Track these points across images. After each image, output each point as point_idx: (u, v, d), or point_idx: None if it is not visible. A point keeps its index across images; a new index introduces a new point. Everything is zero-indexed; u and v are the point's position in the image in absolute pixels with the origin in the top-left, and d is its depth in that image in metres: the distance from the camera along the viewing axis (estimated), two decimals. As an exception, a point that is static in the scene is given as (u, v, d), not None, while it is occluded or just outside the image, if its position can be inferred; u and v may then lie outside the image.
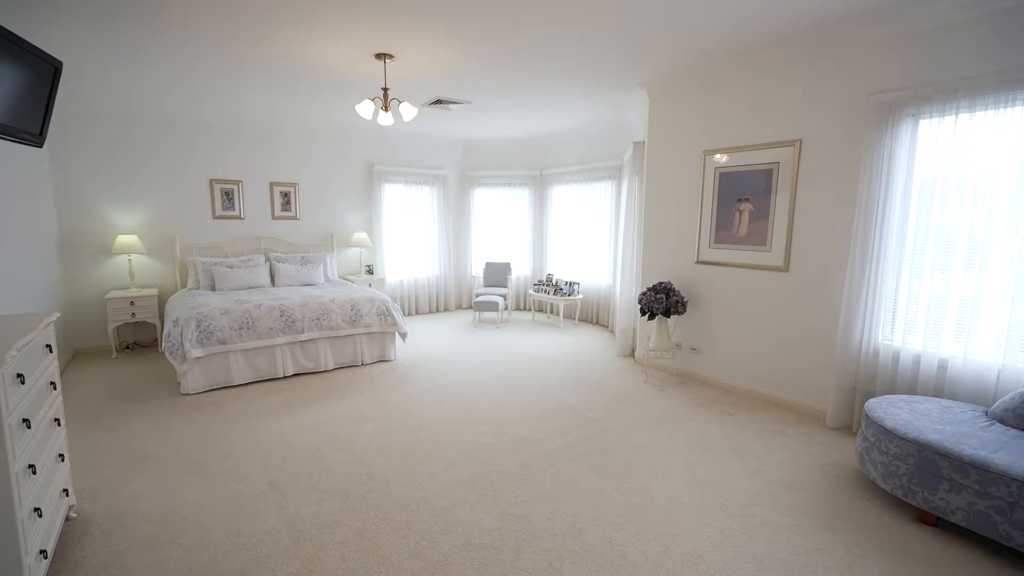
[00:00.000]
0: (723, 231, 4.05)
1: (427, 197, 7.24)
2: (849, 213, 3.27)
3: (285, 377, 4.34)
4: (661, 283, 4.21)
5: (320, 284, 5.67)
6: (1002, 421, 2.38)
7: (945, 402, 2.62)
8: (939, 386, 2.89)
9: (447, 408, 3.64)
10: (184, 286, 5.53)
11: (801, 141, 3.50)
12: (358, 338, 4.69)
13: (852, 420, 3.29)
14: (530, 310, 7.57)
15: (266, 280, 5.47)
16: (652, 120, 4.55)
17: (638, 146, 4.87)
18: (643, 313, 4.27)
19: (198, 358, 3.90)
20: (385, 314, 4.78)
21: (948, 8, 2.73)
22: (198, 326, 3.90)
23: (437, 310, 7.52)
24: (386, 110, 3.78)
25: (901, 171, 3.00)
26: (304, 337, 4.35)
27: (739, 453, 2.96)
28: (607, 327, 6.41)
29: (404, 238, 7.15)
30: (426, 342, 5.63)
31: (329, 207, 6.53)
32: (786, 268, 3.65)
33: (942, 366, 2.88)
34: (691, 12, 2.95)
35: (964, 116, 2.75)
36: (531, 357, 5.01)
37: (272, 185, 6.08)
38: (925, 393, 2.94)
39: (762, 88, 3.69)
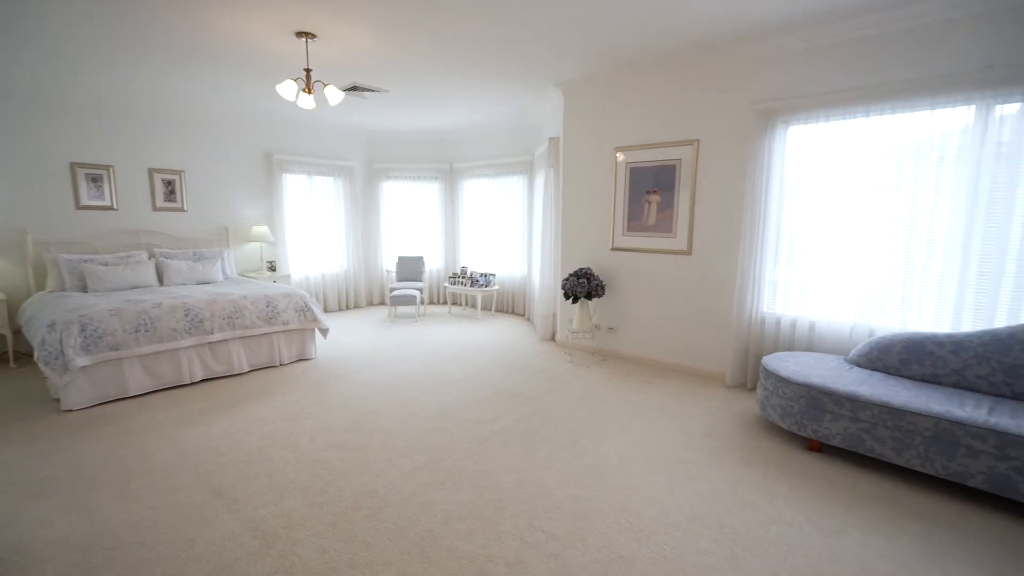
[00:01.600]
0: (634, 220, 4.50)
1: (333, 189, 6.89)
2: (739, 204, 3.86)
3: (193, 383, 3.91)
4: (581, 269, 4.55)
5: (219, 282, 5.15)
6: (858, 364, 3.03)
7: (817, 354, 3.25)
8: (811, 342, 3.56)
9: (388, 400, 3.58)
10: (43, 288, 4.65)
11: (699, 141, 4.03)
12: (275, 336, 4.37)
13: (746, 378, 3.90)
14: (446, 303, 7.60)
15: (152, 279, 4.82)
16: (567, 118, 4.87)
17: (553, 142, 5.17)
18: (567, 297, 4.58)
19: (84, 367, 3.36)
20: (304, 310, 4.51)
21: (811, 36, 3.37)
22: (83, 330, 3.36)
23: (347, 307, 7.20)
24: (309, 92, 3.58)
25: (777, 169, 3.62)
26: (214, 338, 3.95)
27: (663, 414, 3.36)
28: (523, 316, 6.69)
29: (309, 232, 6.73)
30: (345, 339, 5.40)
31: (222, 198, 5.92)
32: (689, 252, 4.18)
33: (812, 327, 3.56)
34: (605, 23, 3.27)
35: (823, 124, 3.42)
36: (457, 347, 5.08)
37: (152, 172, 5.35)
38: (801, 349, 3.60)
39: (666, 92, 4.17)
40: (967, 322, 2.97)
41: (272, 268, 6.21)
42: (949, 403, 2.42)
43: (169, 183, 5.48)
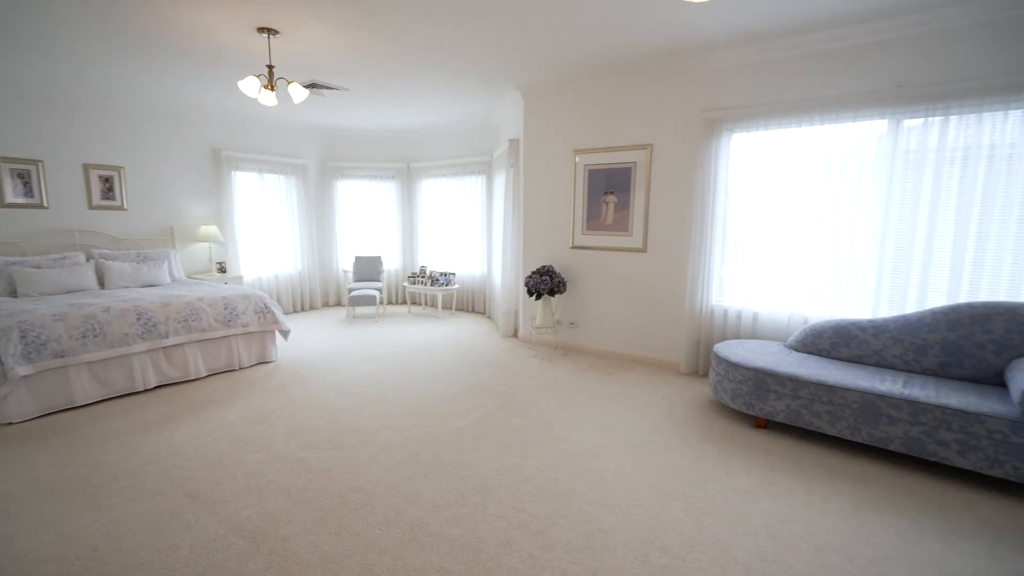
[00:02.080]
0: (593, 220, 4.73)
1: (285, 188, 6.69)
2: (689, 205, 4.16)
3: (147, 390, 3.73)
4: (544, 267, 4.73)
5: (167, 285, 4.90)
6: (795, 349, 3.38)
7: (760, 341, 3.58)
8: (754, 331, 3.91)
9: (359, 399, 3.59)
10: (-37, 294, 4.26)
11: (652, 146, 4.31)
12: (234, 339, 4.24)
13: (699, 365, 4.21)
14: (405, 303, 7.57)
15: (92, 282, 4.53)
16: (527, 120, 5.03)
17: (513, 143, 5.32)
18: (530, 294, 4.74)
19: (26, 377, 3.14)
20: (264, 311, 4.40)
21: (752, 52, 3.70)
22: (23, 337, 3.14)
23: (303, 309, 7.02)
24: (271, 89, 3.52)
25: (723, 173, 3.95)
26: (169, 342, 3.78)
27: (626, 401, 3.59)
28: (484, 313, 6.80)
29: (261, 232, 6.51)
30: (305, 341, 5.29)
31: (167, 196, 5.62)
32: (645, 250, 4.45)
33: (755, 317, 3.91)
34: (563, 32, 3.45)
35: (763, 132, 3.76)
36: (421, 346, 5.12)
37: (88, 168, 5.00)
38: (746, 337, 3.95)
39: (622, 99, 4.42)
40: (884, 309, 3.39)
41: (222, 269, 5.96)
42: (872, 379, 2.77)
43: (107, 180, 5.15)
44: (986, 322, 2.77)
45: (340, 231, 7.36)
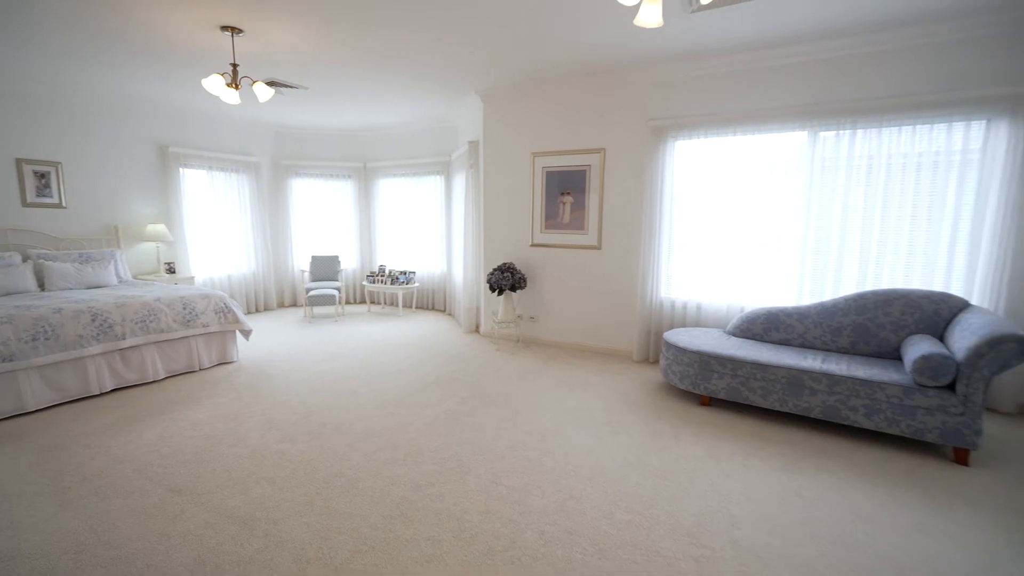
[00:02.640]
0: (551, 219, 5.00)
1: (237, 186, 6.53)
2: (639, 206, 4.51)
3: (103, 394, 3.62)
4: (505, 264, 4.94)
5: (114, 286, 4.71)
6: (734, 334, 3.79)
7: (704, 329, 3.97)
8: (699, 319, 4.31)
9: (329, 394, 3.66)
10: None
11: (605, 150, 4.62)
12: (193, 340, 4.17)
13: (650, 353, 4.57)
14: (363, 303, 7.56)
15: (31, 284, 4.29)
16: (487, 123, 5.23)
17: (473, 144, 5.50)
18: (492, 290, 4.94)
19: (-28, 382, 3.00)
20: (224, 311, 4.35)
21: (693, 67, 4.08)
22: (-32, 341, 2.99)
23: (258, 309, 6.86)
24: (236, 88, 3.52)
25: (669, 177, 4.32)
26: (126, 344, 3.69)
27: (585, 387, 3.87)
28: (445, 311, 6.93)
29: (213, 231, 6.33)
30: (265, 341, 5.23)
31: (110, 193, 5.37)
32: (599, 247, 4.77)
33: (699, 307, 4.31)
34: (520, 43, 3.69)
35: (703, 140, 4.16)
36: (386, 343, 5.20)
37: (20, 163, 4.71)
38: (691, 325, 4.34)
39: (577, 105, 4.71)
40: (807, 297, 3.87)
41: (171, 270, 5.75)
42: (797, 358, 3.19)
43: (43, 176, 4.86)
44: (886, 306, 3.26)
45: (295, 230, 7.25)
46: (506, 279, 4.84)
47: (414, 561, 1.89)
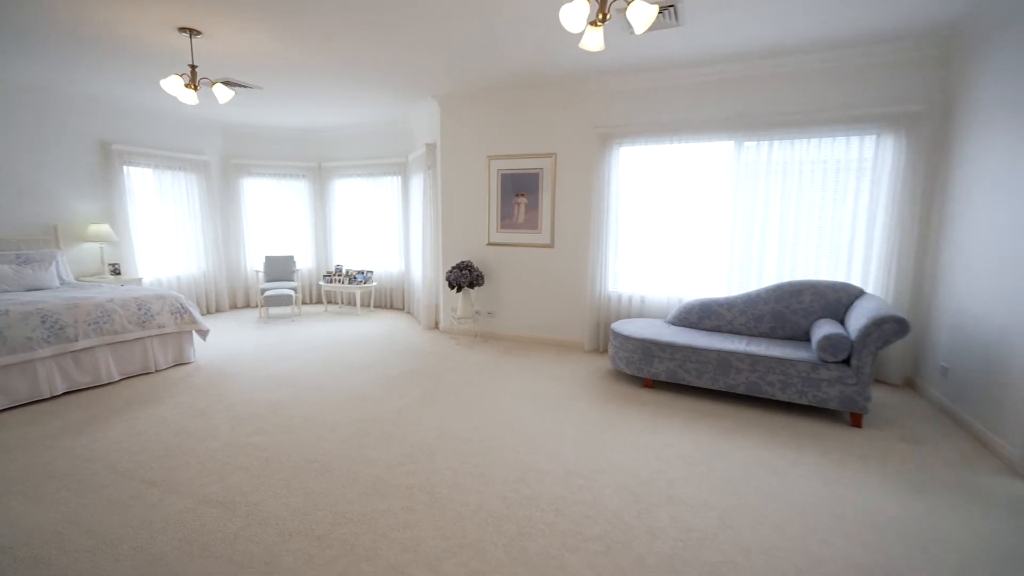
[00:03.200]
0: (507, 219, 5.26)
1: (186, 185, 6.37)
2: (589, 206, 4.86)
3: (54, 397, 3.55)
4: (463, 262, 5.17)
5: (56, 288, 4.54)
6: (673, 324, 4.19)
7: (647, 319, 4.36)
8: (642, 311, 4.71)
9: (294, 390, 3.75)
10: None
11: (556, 154, 4.94)
12: (149, 341, 4.12)
13: (599, 343, 4.93)
14: (320, 303, 7.54)
15: (-35, 287, 4.09)
16: (444, 127, 5.42)
17: (430, 147, 5.67)
18: (451, 287, 5.15)
19: (-85, 388, 2.90)
20: (181, 312, 4.32)
21: (633, 81, 4.47)
22: (-91, 345, 2.89)
23: (210, 311, 6.71)
24: (195, 89, 3.55)
25: (615, 180, 4.69)
26: (79, 346, 3.62)
27: (541, 375, 4.16)
28: (403, 309, 7.05)
29: (160, 231, 6.15)
30: (222, 342, 5.19)
31: (47, 192, 5.14)
32: (552, 246, 5.08)
33: (643, 300, 4.71)
34: (480, 53, 3.94)
35: (644, 147, 4.55)
36: (347, 341, 5.29)
37: (-53, 159, 4.46)
38: (636, 316, 4.73)
39: (530, 112, 4.99)
40: (735, 288, 4.34)
41: (116, 271, 5.57)
42: (726, 342, 3.61)
43: (-28, 174, 4.61)
44: (799, 295, 3.74)
45: (248, 231, 7.14)
46: (464, 276, 5.06)
47: (391, 528, 2.09)
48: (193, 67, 3.51)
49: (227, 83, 4.61)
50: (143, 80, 4.67)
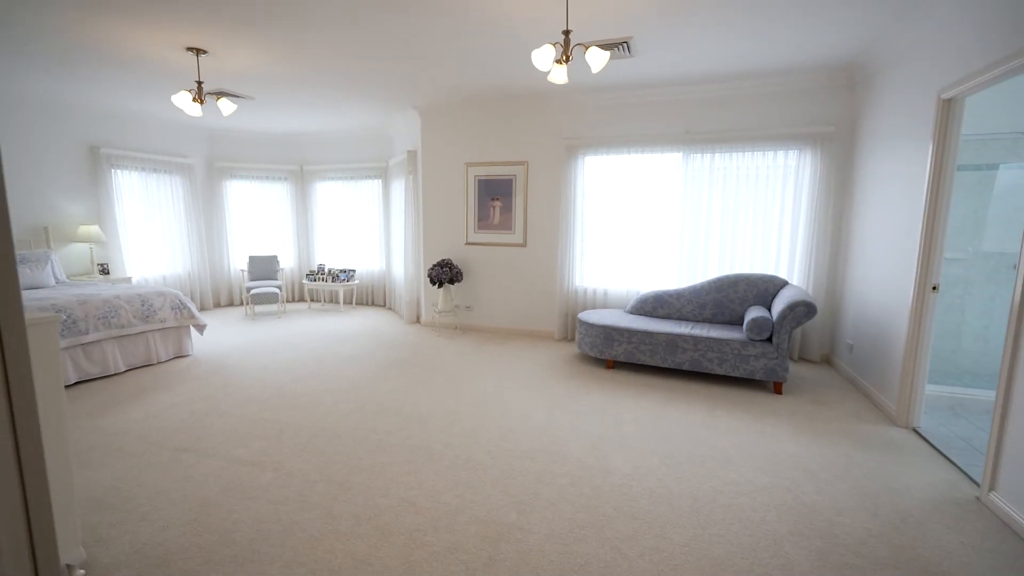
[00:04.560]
0: (483, 221, 5.76)
1: (171, 187, 6.60)
2: (557, 209, 5.41)
3: (67, 387, 3.83)
4: (443, 260, 5.63)
5: (52, 287, 4.77)
6: (631, 313, 4.78)
7: (609, 310, 4.93)
8: (605, 302, 5.29)
9: (293, 377, 4.14)
10: None
11: (528, 162, 5.47)
12: (151, 335, 4.42)
13: (567, 332, 5.48)
14: (303, 300, 7.84)
15: (-33, 285, 4.29)
16: (424, 136, 5.87)
17: (411, 153, 6.11)
18: (433, 283, 5.61)
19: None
20: (180, 307, 4.63)
21: (595, 99, 5.04)
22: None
23: (194, 310, 6.93)
24: (201, 103, 3.90)
25: (580, 186, 5.25)
26: (89, 339, 3.92)
27: (517, 360, 4.68)
28: (385, 306, 7.44)
29: (147, 232, 6.37)
30: (215, 337, 5.49)
31: (37, 195, 5.32)
32: (525, 245, 5.61)
33: (605, 293, 5.29)
34: (459, 69, 4.42)
35: (605, 156, 5.13)
36: (334, 335, 5.67)
37: (-57, 163, 4.62)
38: (600, 307, 5.30)
39: (505, 123, 5.50)
40: (684, 280, 4.96)
41: (105, 271, 5.78)
42: (675, 327, 4.21)
43: (-33, 177, 4.78)
44: (735, 286, 4.38)
45: (232, 231, 7.39)
46: (445, 273, 5.53)
47: (399, 475, 2.56)
48: (199, 83, 3.86)
49: (221, 94, 4.95)
50: (130, 87, 4.93)
